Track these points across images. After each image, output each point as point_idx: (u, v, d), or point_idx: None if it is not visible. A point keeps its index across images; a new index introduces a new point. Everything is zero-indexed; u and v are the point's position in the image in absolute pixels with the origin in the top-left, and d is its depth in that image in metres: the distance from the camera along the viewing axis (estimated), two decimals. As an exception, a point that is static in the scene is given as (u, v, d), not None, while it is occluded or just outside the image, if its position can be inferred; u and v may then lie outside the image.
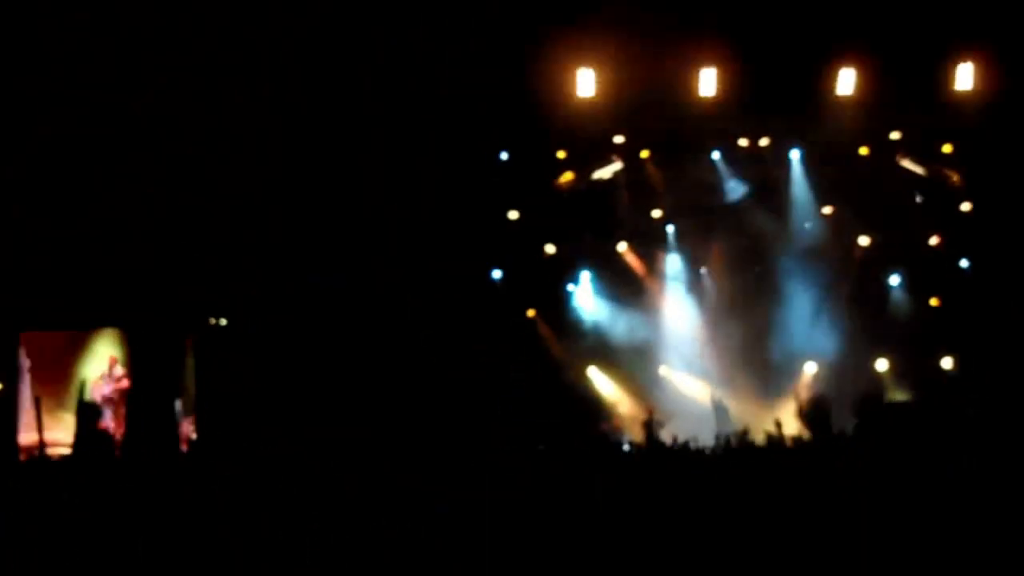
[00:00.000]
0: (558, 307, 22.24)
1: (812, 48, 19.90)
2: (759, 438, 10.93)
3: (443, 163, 20.18)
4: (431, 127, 19.65)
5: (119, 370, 19.88)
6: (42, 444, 13.43)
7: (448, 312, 20.31)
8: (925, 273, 22.07)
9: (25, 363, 20.01)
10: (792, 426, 14.92)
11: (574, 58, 20.76)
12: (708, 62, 20.81)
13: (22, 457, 18.38)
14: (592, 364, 21.98)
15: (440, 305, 20.30)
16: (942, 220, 22.15)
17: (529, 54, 19.87)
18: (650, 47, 20.01)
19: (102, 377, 19.86)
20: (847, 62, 20.72)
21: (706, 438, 11.23)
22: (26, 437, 19.26)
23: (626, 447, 14.42)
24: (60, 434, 18.79)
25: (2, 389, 19.91)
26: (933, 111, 21.09)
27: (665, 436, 17.97)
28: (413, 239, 19.98)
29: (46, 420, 19.52)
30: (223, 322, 20.55)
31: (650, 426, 19.83)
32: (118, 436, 18.16)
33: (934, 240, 22.20)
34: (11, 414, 19.63)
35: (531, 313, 22.16)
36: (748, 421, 14.99)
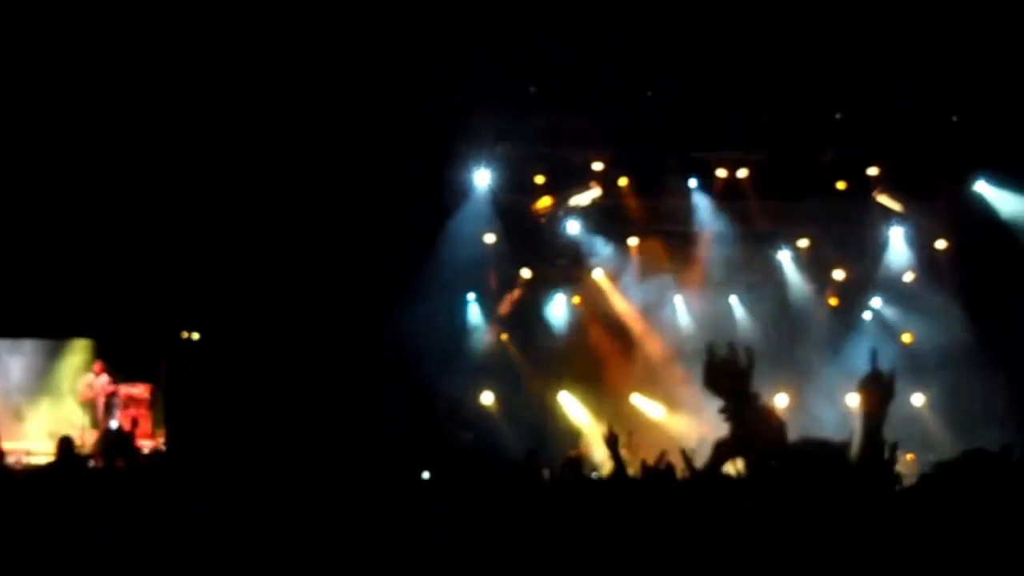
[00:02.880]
0: (531, 332, 22.25)
1: (792, 82, 19.96)
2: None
3: (421, 184, 20.16)
4: (409, 148, 19.63)
5: (104, 376, 19.92)
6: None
7: (422, 334, 20.28)
8: (899, 308, 22.16)
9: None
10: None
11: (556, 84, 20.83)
12: (689, 92, 20.88)
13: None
14: (563, 389, 21.98)
15: (414, 327, 20.26)
16: (917, 256, 22.27)
17: (511, 78, 19.90)
18: (632, 76, 20.06)
19: (89, 382, 19.91)
20: (829, 97, 20.80)
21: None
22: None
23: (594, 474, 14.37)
24: (28, 443, 18.75)
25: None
26: (911, 150, 21.20)
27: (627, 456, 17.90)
28: (388, 260, 19.95)
29: (11, 427, 19.55)
30: (195, 336, 20.48)
31: (612, 443, 19.81)
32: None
33: (908, 276, 22.29)
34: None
35: (504, 337, 22.15)
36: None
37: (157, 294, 19.51)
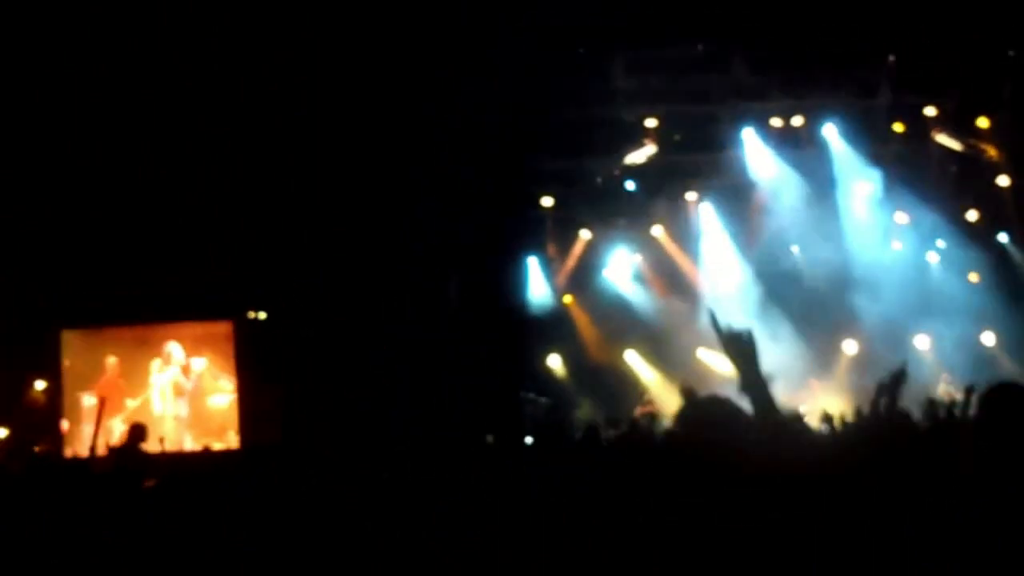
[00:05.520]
0: (594, 292, 22.26)
1: (844, 27, 19.75)
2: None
3: (476, 149, 20.17)
4: (465, 113, 19.64)
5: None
6: (92, 448, 12.71)
7: (483, 296, 20.40)
8: (963, 248, 21.90)
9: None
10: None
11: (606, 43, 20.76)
12: (740, 44, 20.73)
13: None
14: (629, 348, 21.97)
15: (475, 290, 20.36)
16: (979, 195, 22.02)
17: (563, 39, 19.85)
18: (681, 30, 19.94)
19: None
20: (880, 40, 20.57)
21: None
22: (70, 449, 18.98)
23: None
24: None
25: (45, 388, 19.84)
26: (968, 88, 20.95)
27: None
28: (447, 226, 19.99)
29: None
30: (262, 315, 20.61)
31: (691, 394, 19.75)
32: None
33: (972, 215, 22.03)
34: (54, 420, 19.52)
35: (568, 299, 22.18)
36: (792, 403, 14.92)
37: (222, 275, 19.66)
